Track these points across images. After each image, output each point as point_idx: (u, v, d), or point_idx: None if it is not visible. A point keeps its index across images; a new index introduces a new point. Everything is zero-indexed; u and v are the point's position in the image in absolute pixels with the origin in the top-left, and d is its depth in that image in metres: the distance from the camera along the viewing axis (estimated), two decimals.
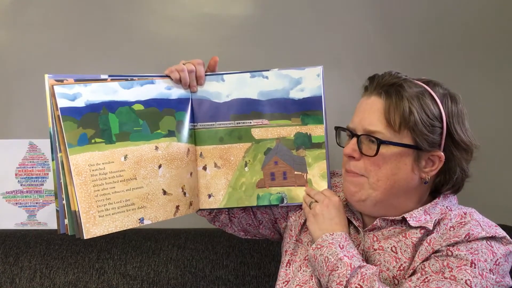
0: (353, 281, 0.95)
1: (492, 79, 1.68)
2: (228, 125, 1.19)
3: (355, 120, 1.05)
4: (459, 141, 1.01)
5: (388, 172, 1.01)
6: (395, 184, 1.02)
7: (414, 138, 0.99)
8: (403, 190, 1.03)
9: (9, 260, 1.50)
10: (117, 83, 1.07)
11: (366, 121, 1.02)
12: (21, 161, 1.70)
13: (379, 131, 1.00)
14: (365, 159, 1.02)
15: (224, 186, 1.20)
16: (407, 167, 1.01)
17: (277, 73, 1.17)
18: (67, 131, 0.99)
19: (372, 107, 1.02)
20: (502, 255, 0.95)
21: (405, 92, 0.99)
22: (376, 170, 1.01)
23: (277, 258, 1.47)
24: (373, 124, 1.01)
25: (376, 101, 1.02)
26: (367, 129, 1.01)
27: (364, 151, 1.02)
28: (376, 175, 1.02)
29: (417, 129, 0.98)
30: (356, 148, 1.03)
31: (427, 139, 0.99)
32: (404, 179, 1.02)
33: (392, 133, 1.00)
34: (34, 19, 1.68)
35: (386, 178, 1.01)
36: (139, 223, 1.08)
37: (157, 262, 1.49)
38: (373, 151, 1.00)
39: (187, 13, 1.68)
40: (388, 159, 1.00)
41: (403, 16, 1.67)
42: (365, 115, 1.03)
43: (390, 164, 1.01)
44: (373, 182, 1.02)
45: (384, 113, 1.00)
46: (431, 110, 0.99)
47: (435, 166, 1.02)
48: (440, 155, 1.01)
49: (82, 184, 1.00)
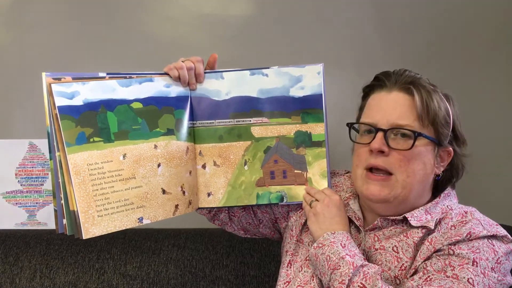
0: (356, 280, 0.94)
1: (493, 79, 1.68)
2: (227, 123, 1.18)
3: (376, 116, 1.03)
4: (460, 137, 1.05)
5: (416, 167, 1.01)
6: (421, 180, 1.02)
7: (437, 132, 1.01)
8: (424, 186, 1.04)
9: (9, 260, 1.49)
10: (116, 81, 1.06)
11: (392, 116, 1.01)
12: (21, 161, 1.70)
13: (409, 124, 1.00)
14: (394, 154, 1.01)
15: (223, 184, 1.19)
16: (431, 162, 1.02)
17: (277, 71, 1.17)
18: (65, 130, 0.98)
19: (398, 102, 1.02)
20: (503, 254, 0.95)
21: (427, 88, 1.01)
22: (406, 165, 1.00)
23: (277, 258, 1.47)
24: (402, 118, 1.01)
25: (401, 96, 1.02)
26: (396, 123, 1.01)
27: (393, 146, 1.01)
28: (406, 171, 1.01)
29: (440, 124, 1.01)
30: (384, 142, 1.01)
31: (445, 134, 1.02)
32: (428, 174, 1.03)
33: (420, 127, 1.00)
34: (34, 19, 1.67)
35: (414, 174, 1.01)
36: (138, 223, 1.08)
37: (157, 262, 1.49)
38: (407, 145, 1.00)
39: (187, 13, 1.68)
40: (418, 153, 1.01)
41: (403, 16, 1.67)
42: (391, 110, 1.02)
43: (420, 159, 1.01)
44: (403, 179, 1.01)
45: (415, 107, 1.00)
46: (445, 106, 1.02)
47: (445, 161, 1.04)
48: (450, 151, 1.04)
49: (80, 183, 0.99)
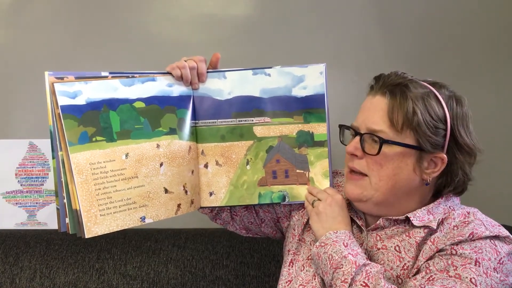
0: (358, 279, 0.94)
1: (493, 80, 1.68)
2: (229, 122, 1.18)
3: (359, 119, 1.05)
4: (463, 144, 1.01)
5: (390, 172, 1.01)
6: (396, 184, 1.01)
7: (417, 138, 0.99)
8: (404, 190, 1.02)
9: (9, 260, 1.49)
10: (118, 80, 1.06)
11: (369, 120, 1.02)
12: (21, 161, 1.69)
13: (382, 130, 1.00)
14: (367, 158, 1.02)
15: (225, 184, 1.19)
16: (408, 168, 1.01)
17: (280, 71, 1.17)
18: (67, 129, 0.98)
19: (376, 107, 1.02)
20: (506, 254, 0.95)
21: (410, 92, 0.99)
22: (378, 169, 1.01)
23: (277, 258, 1.47)
24: (376, 123, 1.01)
25: (380, 101, 1.02)
26: (370, 128, 1.01)
27: (366, 150, 1.02)
28: (378, 174, 1.01)
29: (420, 130, 0.98)
30: (359, 146, 1.03)
31: (430, 140, 0.99)
32: (405, 179, 1.01)
33: (395, 133, 0.99)
34: (34, 19, 1.67)
35: (387, 177, 1.01)
36: (140, 222, 1.08)
37: (157, 262, 1.49)
38: (375, 150, 1.00)
39: (186, 13, 1.68)
40: (390, 158, 1.00)
41: (403, 16, 1.67)
42: (369, 114, 1.03)
43: (392, 164, 1.00)
44: (375, 182, 1.02)
45: (388, 112, 1.00)
46: (435, 111, 0.99)
47: (438, 168, 1.01)
48: (443, 157, 1.00)
49: (83, 182, 0.99)
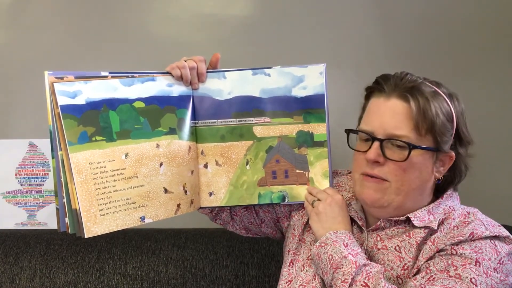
0: (358, 279, 0.94)
1: (494, 79, 1.68)
2: (229, 122, 1.18)
3: (374, 123, 1.01)
4: (464, 139, 1.02)
5: (412, 176, 1.00)
6: (416, 187, 1.01)
7: (436, 140, 0.99)
8: (420, 191, 1.03)
9: (9, 260, 1.49)
10: (118, 80, 1.07)
11: (389, 125, 0.99)
12: (21, 161, 1.69)
13: (405, 135, 0.98)
14: (390, 164, 1.00)
15: (225, 184, 1.19)
16: (428, 170, 1.01)
17: (279, 71, 1.17)
18: (67, 129, 0.98)
19: (395, 110, 0.99)
20: (505, 254, 0.95)
21: (427, 94, 0.98)
22: (401, 174, 0.99)
23: (277, 258, 1.47)
24: (398, 128, 0.98)
25: (399, 104, 0.99)
26: (392, 133, 0.99)
27: (389, 156, 0.99)
28: (402, 179, 1.00)
29: (440, 131, 0.98)
30: (380, 152, 1.00)
31: (445, 140, 0.99)
32: (424, 181, 1.02)
33: (417, 137, 0.98)
34: (34, 19, 1.67)
35: (410, 181, 1.00)
36: (140, 222, 1.08)
37: (157, 262, 1.49)
38: (401, 156, 0.98)
39: (186, 13, 1.68)
40: (414, 163, 0.99)
41: (403, 16, 1.67)
42: (387, 119, 1.00)
43: (416, 168, 0.99)
44: (397, 187, 1.00)
45: (412, 117, 0.98)
46: (446, 110, 0.99)
47: (446, 165, 1.03)
48: (452, 155, 1.01)
49: (82, 182, 0.99)
